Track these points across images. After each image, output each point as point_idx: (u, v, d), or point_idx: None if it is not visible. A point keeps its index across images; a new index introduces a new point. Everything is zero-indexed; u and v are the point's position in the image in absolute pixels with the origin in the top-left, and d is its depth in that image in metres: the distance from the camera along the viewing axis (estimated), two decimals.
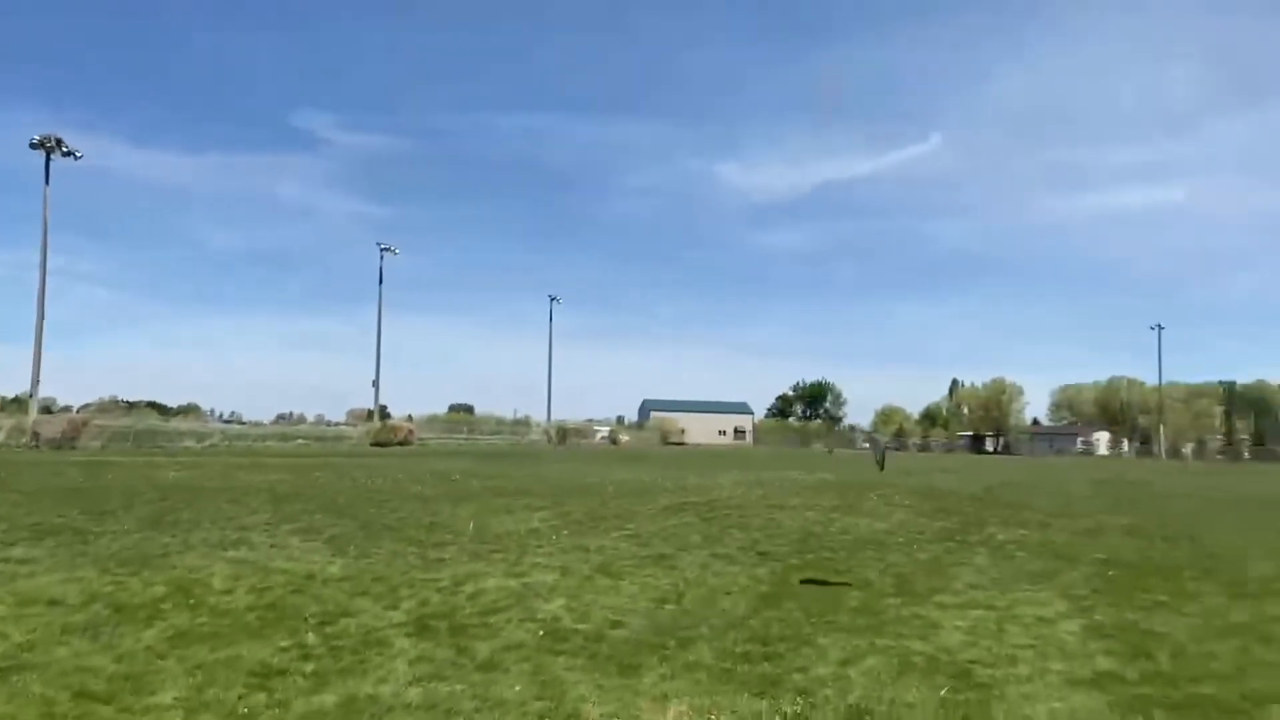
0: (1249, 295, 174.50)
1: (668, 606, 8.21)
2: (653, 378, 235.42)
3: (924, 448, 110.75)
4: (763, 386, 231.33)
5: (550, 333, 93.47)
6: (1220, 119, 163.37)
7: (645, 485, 24.00)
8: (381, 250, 72.88)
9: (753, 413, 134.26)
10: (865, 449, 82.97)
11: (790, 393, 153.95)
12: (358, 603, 8.15)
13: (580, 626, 7.39)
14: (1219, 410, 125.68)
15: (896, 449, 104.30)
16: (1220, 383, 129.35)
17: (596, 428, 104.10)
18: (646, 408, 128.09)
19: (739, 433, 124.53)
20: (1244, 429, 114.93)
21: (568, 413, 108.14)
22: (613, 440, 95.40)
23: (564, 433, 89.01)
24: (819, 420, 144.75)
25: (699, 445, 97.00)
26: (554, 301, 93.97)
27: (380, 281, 73.21)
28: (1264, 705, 5.53)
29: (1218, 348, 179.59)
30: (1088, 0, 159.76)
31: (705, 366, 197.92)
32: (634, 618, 7.73)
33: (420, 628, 7.25)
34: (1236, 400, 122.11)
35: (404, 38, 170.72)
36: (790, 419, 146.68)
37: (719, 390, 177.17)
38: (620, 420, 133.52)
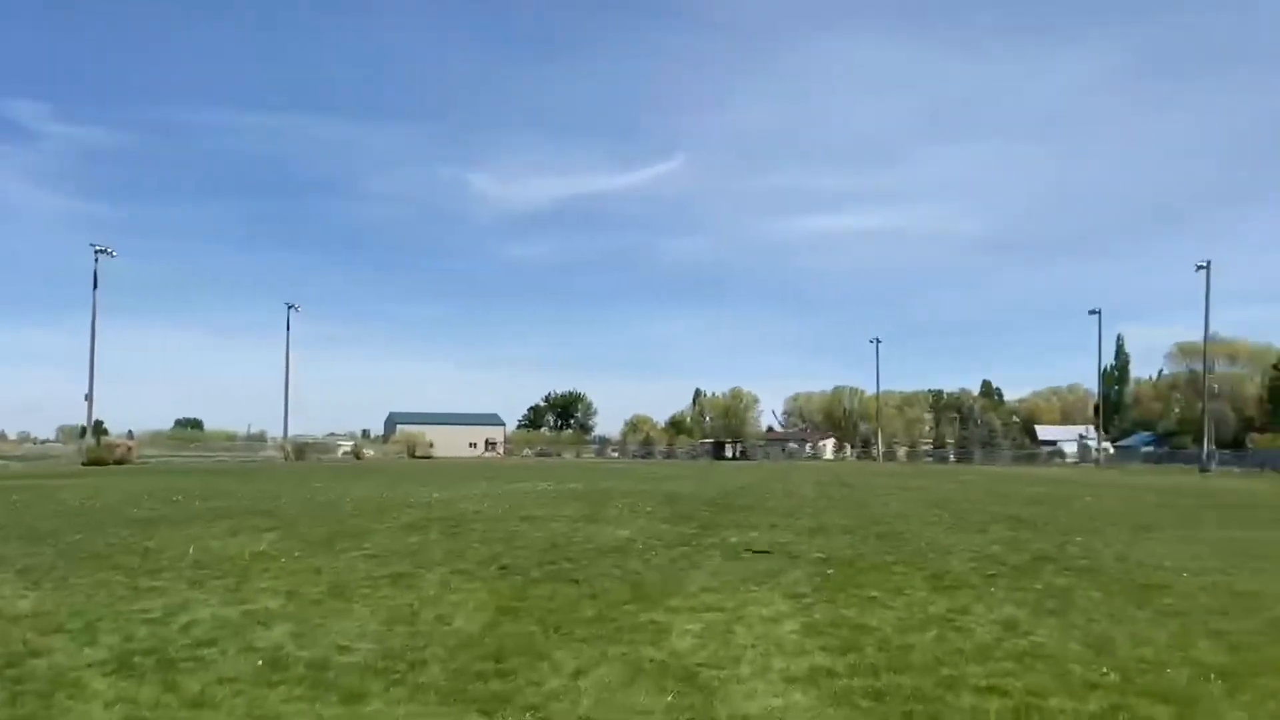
0: (954, 311, 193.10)
1: (400, 628, 7.93)
2: (399, 390, 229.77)
3: (669, 455, 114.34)
4: (514, 398, 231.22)
5: (288, 342, 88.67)
6: (930, 149, 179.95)
7: (387, 501, 23.27)
8: (96, 252, 66.77)
9: (504, 424, 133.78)
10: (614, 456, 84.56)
11: (542, 403, 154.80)
12: (50, 641, 7.33)
13: (304, 654, 6.98)
14: (928, 416, 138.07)
15: (644, 456, 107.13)
16: (929, 391, 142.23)
17: (338, 442, 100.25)
18: (393, 420, 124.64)
19: (490, 445, 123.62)
20: (950, 433, 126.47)
21: (307, 427, 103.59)
22: (355, 455, 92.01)
23: (302, 448, 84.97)
24: (570, 430, 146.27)
25: (448, 458, 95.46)
26: (291, 309, 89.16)
27: (95, 286, 67.06)
28: (955, 690, 6.01)
29: (927, 358, 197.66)
30: (815, 34, 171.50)
31: (455, 378, 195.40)
32: (364, 642, 7.41)
33: (122, 665, 6.61)
34: (943, 407, 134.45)
35: (133, 23, 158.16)
36: (543, 429, 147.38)
37: (469, 402, 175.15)
38: (364, 434, 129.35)
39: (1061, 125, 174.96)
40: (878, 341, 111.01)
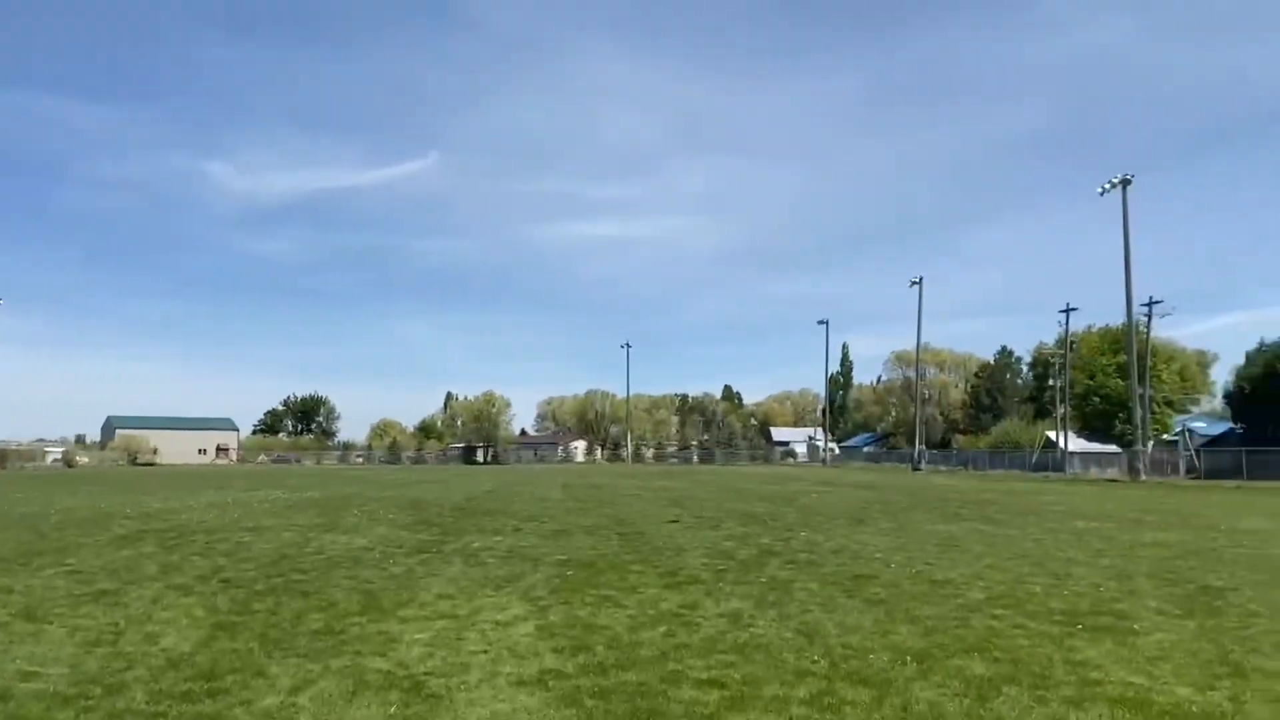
0: (701, 318, 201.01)
1: (101, 650, 7.25)
2: (121, 392, 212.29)
3: (418, 460, 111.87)
4: (251, 402, 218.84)
5: None
6: (682, 163, 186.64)
7: (99, 512, 21.34)
8: None
9: (238, 429, 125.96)
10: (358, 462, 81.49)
11: (281, 407, 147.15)
12: None
13: None
14: (675, 419, 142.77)
15: (391, 462, 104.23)
16: (676, 395, 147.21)
17: (47, 449, 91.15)
18: (111, 425, 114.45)
19: (222, 451, 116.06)
20: (694, 435, 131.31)
21: (10, 432, 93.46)
22: (67, 463, 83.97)
23: (3, 455, 76.55)
24: (312, 436, 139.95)
25: (174, 466, 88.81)
26: None
27: None
28: (678, 684, 6.19)
29: (675, 363, 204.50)
30: (575, 45, 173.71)
31: (185, 381, 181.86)
32: (55, 667, 6.71)
33: None
34: (689, 410, 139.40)
35: None
36: (281, 435, 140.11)
37: (200, 406, 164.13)
38: (79, 439, 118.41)
39: (806, 145, 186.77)
40: (628, 347, 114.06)
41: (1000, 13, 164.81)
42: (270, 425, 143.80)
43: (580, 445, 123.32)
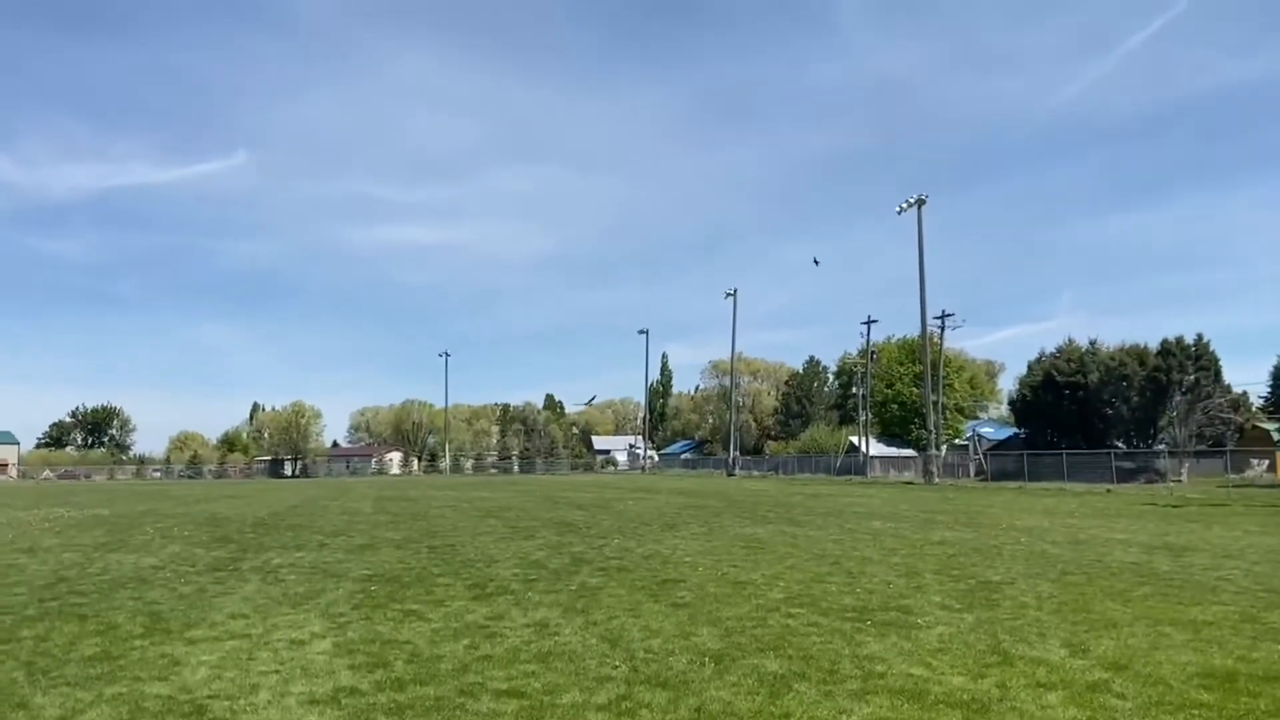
0: (522, 327, 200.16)
1: None
2: None
3: (221, 474, 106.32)
4: (33, 414, 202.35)
5: None
6: (499, 169, 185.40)
7: None
8: None
9: (18, 443, 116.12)
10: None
11: (68, 419, 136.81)
12: None
13: None
14: (496, 429, 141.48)
15: (191, 476, 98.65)
16: (497, 404, 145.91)
17: None
18: None
19: (1, 466, 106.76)
20: (516, 444, 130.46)
21: None
22: None
23: None
24: (103, 449, 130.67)
25: None
26: None
27: None
28: (476, 696, 6.12)
29: (496, 372, 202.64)
30: (388, 45, 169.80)
31: None
32: None
33: None
34: (510, 419, 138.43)
35: None
36: (68, 449, 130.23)
37: None
38: None
39: (625, 157, 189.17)
40: (446, 355, 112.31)
41: (805, 37, 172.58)
42: (56, 439, 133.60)
43: (395, 457, 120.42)
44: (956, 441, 75.35)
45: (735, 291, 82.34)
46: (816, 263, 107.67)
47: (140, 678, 6.68)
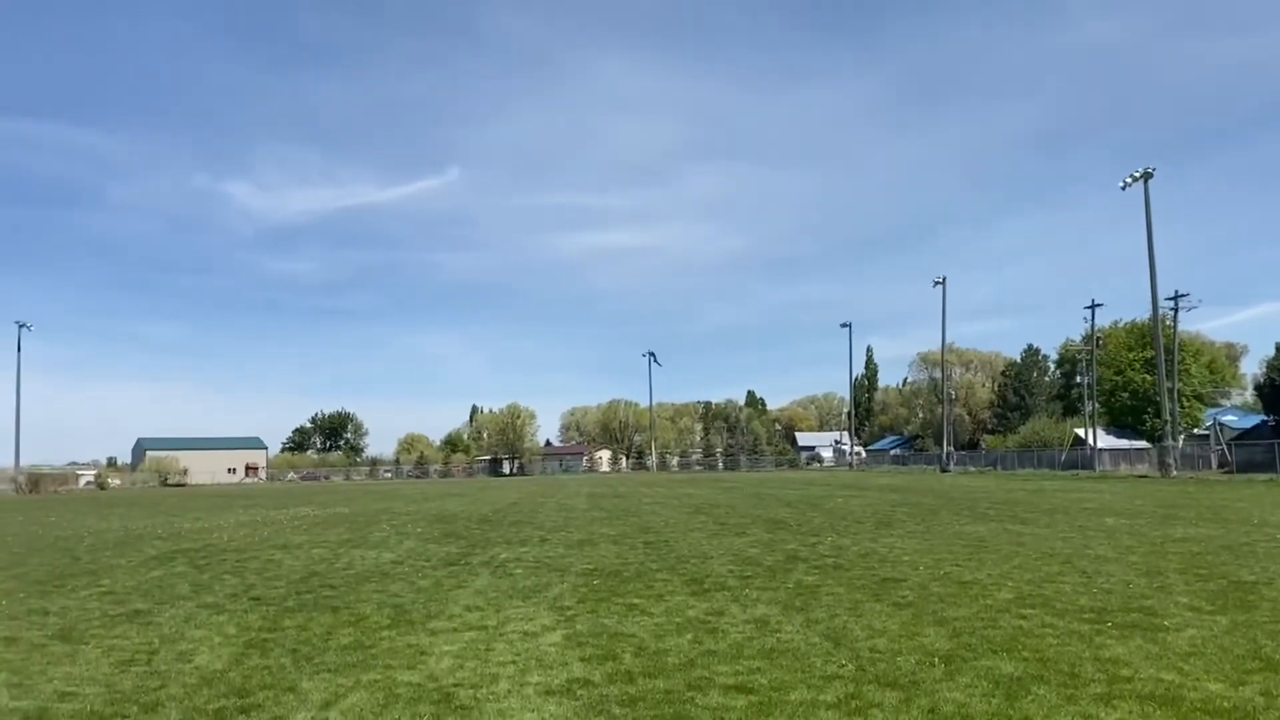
0: (721, 325, 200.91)
1: (135, 669, 7.34)
2: (150, 415, 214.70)
3: (445, 474, 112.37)
4: (278, 420, 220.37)
5: (19, 365, 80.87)
6: (697, 169, 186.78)
7: (131, 534, 21.59)
8: None
9: (266, 448, 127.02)
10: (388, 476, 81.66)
11: (309, 425, 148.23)
12: None
13: (20, 705, 6.35)
14: (699, 426, 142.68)
15: (419, 476, 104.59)
16: (699, 402, 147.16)
17: (80, 472, 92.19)
18: (141, 447, 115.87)
19: (251, 470, 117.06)
20: (719, 442, 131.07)
21: (45, 456, 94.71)
22: (100, 485, 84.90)
23: (37, 480, 77.45)
24: (339, 452, 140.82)
25: (204, 486, 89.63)
26: (23, 329, 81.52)
27: None
28: (704, 690, 6.20)
29: (697, 370, 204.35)
30: (586, 56, 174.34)
31: (212, 401, 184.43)
32: (90, 686, 6.81)
33: None
34: (712, 417, 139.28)
35: None
36: (309, 452, 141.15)
37: (228, 426, 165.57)
38: (110, 462, 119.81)
39: (821, 149, 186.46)
40: (650, 355, 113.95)
41: (1008, 7, 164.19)
42: (298, 443, 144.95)
43: (604, 455, 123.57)
44: (1195, 431, 69.81)
45: (944, 280, 79.45)
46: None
47: (391, 665, 7.17)
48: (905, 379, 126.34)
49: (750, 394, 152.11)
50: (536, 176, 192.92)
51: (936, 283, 79.83)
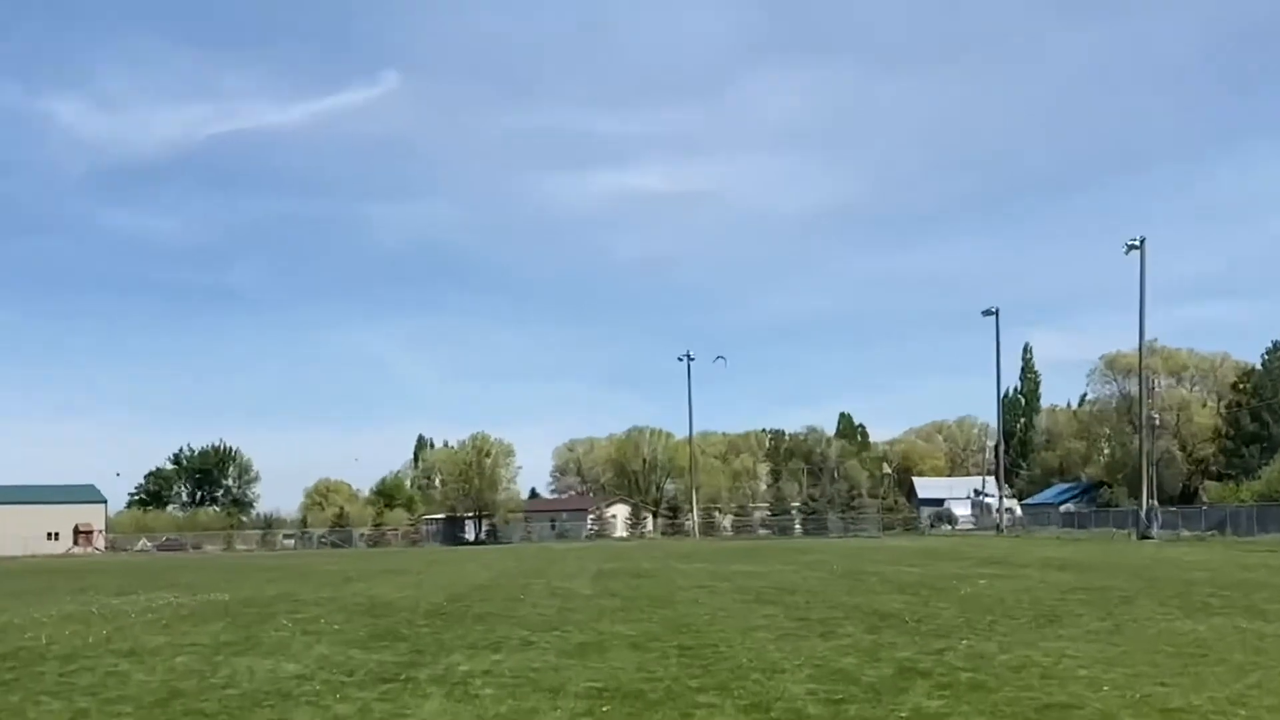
0: (798, 312, 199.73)
1: None
2: None
3: (377, 540, 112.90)
4: (123, 457, 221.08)
5: None
6: (758, 77, 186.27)
7: None
8: None
9: (105, 501, 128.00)
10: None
11: (169, 465, 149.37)
12: None
13: None
14: (764, 468, 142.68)
15: (338, 544, 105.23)
16: (765, 431, 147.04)
17: None
18: None
19: (82, 534, 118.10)
20: (795, 492, 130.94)
21: None
22: None
23: None
24: (217, 507, 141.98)
25: (11, 560, 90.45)
26: None
27: None
28: None
29: (761, 383, 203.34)
30: None
31: (22, 428, 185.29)
32: None
33: None
34: (785, 454, 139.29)
35: None
36: (170, 507, 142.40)
37: (48, 468, 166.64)
38: None
39: (952, 44, 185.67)
40: (689, 359, 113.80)
41: None
42: (154, 494, 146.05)
43: (620, 511, 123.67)
44: None
45: (1142, 242, 78.87)
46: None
47: None
48: (1084, 395, 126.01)
49: (845, 419, 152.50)
50: (517, 87, 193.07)
51: (1131, 246, 79.39)
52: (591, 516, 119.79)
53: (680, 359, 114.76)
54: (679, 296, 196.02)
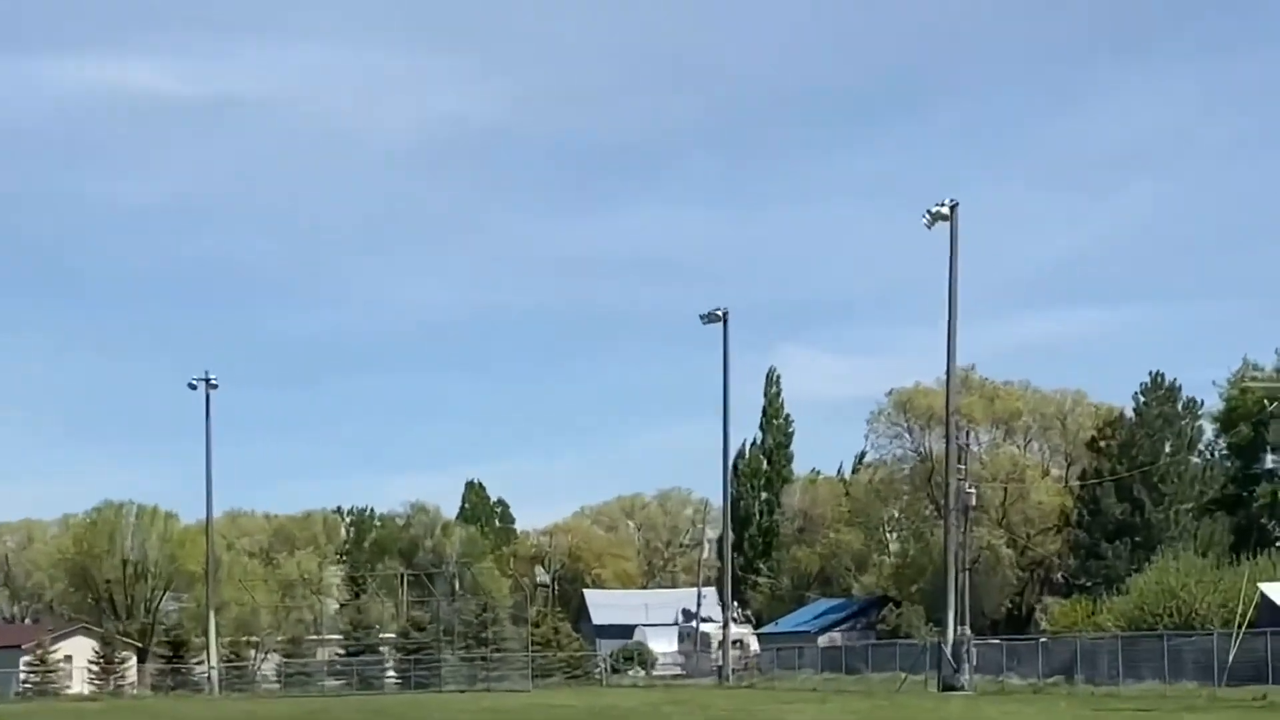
0: (399, 313, 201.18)
1: None
2: None
3: None
4: None
5: None
6: None
7: None
8: None
9: None
10: None
11: None
12: None
13: None
14: (337, 573, 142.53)
15: None
16: (339, 510, 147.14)
17: None
18: None
19: None
20: (392, 614, 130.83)
21: None
22: None
23: None
24: None
25: None
26: None
27: None
28: None
29: (334, 429, 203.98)
30: None
31: None
32: None
33: None
34: (373, 548, 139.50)
35: None
36: None
37: None
38: None
39: None
40: (208, 384, 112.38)
41: None
42: None
43: (79, 650, 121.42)
44: None
45: (953, 209, 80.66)
46: None
47: None
48: (859, 456, 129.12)
49: (475, 491, 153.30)
50: None
51: (937, 215, 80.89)
52: (28, 659, 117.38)
53: (191, 384, 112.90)
54: (201, 281, 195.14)
